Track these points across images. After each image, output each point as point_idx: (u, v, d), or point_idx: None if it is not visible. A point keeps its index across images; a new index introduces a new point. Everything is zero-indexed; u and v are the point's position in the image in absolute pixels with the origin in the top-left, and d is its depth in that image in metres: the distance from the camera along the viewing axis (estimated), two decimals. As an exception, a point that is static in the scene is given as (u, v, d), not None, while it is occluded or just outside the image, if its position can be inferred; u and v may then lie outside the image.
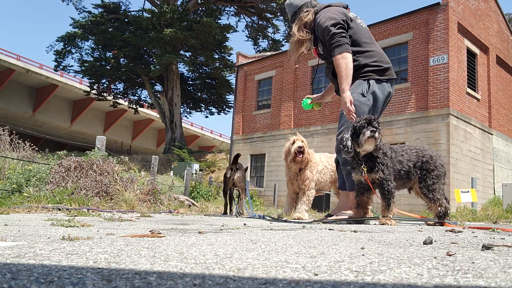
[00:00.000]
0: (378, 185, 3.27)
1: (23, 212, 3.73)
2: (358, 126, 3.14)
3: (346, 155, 3.22)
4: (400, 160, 3.39)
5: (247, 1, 27.19)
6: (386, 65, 3.41)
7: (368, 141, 3.12)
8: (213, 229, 2.21)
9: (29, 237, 1.52)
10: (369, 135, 3.09)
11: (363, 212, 3.51)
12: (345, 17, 3.48)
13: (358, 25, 3.48)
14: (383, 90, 3.41)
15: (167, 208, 5.88)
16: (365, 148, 3.15)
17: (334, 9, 3.57)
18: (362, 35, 3.45)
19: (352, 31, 3.45)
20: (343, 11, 3.56)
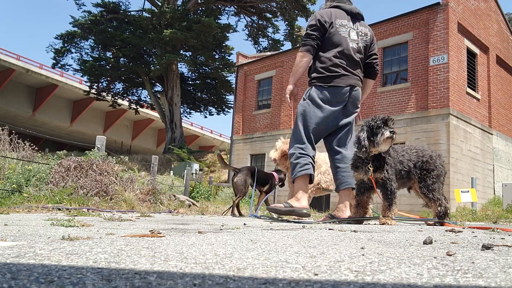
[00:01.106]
0: (380, 185, 3.27)
1: (23, 212, 3.73)
2: (374, 126, 3.13)
3: (363, 155, 3.21)
4: (400, 160, 3.39)
5: (247, 1, 27.20)
6: (336, 73, 3.48)
7: (386, 141, 3.12)
8: (213, 229, 2.21)
9: (29, 237, 1.51)
10: (388, 136, 3.08)
11: (363, 211, 3.51)
12: (328, 20, 3.55)
13: (336, 32, 3.54)
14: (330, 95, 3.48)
15: (167, 208, 5.88)
16: (381, 149, 3.16)
17: (326, 10, 3.66)
18: (334, 41, 3.52)
19: (328, 35, 3.54)
20: (332, 14, 3.61)
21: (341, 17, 3.62)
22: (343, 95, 3.49)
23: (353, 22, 3.66)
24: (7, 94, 32.04)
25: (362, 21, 3.74)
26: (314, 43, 3.52)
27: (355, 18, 3.69)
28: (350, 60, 3.53)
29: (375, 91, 14.80)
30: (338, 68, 3.50)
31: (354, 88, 3.52)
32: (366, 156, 3.23)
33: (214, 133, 47.84)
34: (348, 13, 3.66)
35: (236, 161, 19.23)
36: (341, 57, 3.51)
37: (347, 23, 3.61)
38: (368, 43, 3.68)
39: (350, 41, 3.55)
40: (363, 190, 3.43)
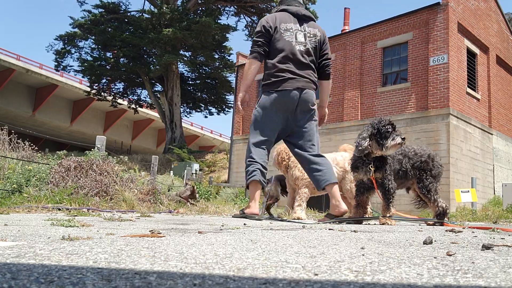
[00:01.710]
0: (379, 185, 3.28)
1: (23, 212, 3.73)
2: (383, 129, 3.13)
3: (359, 153, 3.22)
4: (399, 159, 3.40)
5: (247, 1, 27.19)
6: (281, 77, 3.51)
7: (395, 146, 3.14)
8: (213, 229, 2.21)
9: (29, 237, 1.51)
10: (399, 142, 3.10)
11: (363, 212, 3.51)
12: (272, 25, 3.59)
13: (281, 36, 3.57)
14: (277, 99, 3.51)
15: (167, 208, 5.88)
16: (389, 153, 3.18)
17: (271, 15, 3.72)
18: (278, 46, 3.55)
19: (273, 40, 3.59)
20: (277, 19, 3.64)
21: (287, 21, 3.64)
22: (292, 98, 3.50)
23: (300, 24, 3.66)
24: (7, 94, 32.03)
25: (312, 22, 3.72)
26: (260, 49, 3.58)
27: (303, 20, 3.69)
28: (297, 63, 3.54)
29: (375, 91, 14.80)
30: (284, 72, 3.51)
31: (304, 91, 3.52)
32: (367, 157, 3.24)
33: (214, 133, 47.85)
34: (294, 16, 3.67)
35: (236, 161, 19.23)
36: (286, 61, 3.53)
37: (292, 26, 3.62)
38: (317, 43, 3.67)
39: (296, 44, 3.57)
40: (362, 191, 3.44)
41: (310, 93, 3.56)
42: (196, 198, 7.54)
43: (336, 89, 16.08)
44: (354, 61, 15.55)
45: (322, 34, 3.73)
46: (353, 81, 15.43)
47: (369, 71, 15.12)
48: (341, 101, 15.77)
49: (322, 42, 3.71)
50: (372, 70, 15.05)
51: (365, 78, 15.18)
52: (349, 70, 15.64)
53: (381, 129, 3.13)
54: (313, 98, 3.62)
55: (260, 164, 3.54)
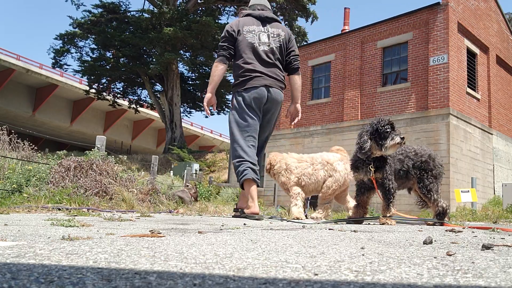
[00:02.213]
0: (380, 185, 3.28)
1: (23, 212, 3.73)
2: (383, 130, 3.13)
3: (362, 156, 3.22)
4: (400, 159, 3.40)
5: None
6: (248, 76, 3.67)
7: (395, 146, 3.14)
8: (213, 229, 2.22)
9: (29, 237, 1.52)
10: (398, 142, 3.11)
11: (363, 212, 3.52)
12: (235, 29, 3.80)
13: (244, 38, 3.75)
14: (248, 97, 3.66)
15: (167, 208, 5.88)
16: (388, 153, 3.18)
17: (235, 21, 3.95)
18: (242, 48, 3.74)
19: (237, 43, 3.78)
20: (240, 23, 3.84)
21: (249, 24, 3.82)
22: (260, 94, 3.64)
23: (263, 25, 3.83)
24: (7, 94, 32.03)
25: (275, 23, 3.89)
26: (225, 52, 3.78)
27: (266, 22, 3.85)
28: (262, 62, 3.69)
29: (375, 91, 14.80)
30: (250, 72, 3.68)
31: (271, 89, 3.67)
32: (367, 157, 3.24)
33: (214, 133, 47.83)
34: (258, 18, 3.85)
35: (236, 161, 19.24)
36: (250, 62, 3.69)
37: (255, 28, 3.79)
38: (282, 42, 3.81)
39: (260, 44, 3.73)
40: (363, 191, 3.44)
41: (277, 91, 3.72)
42: (197, 198, 7.55)
43: (336, 89, 16.08)
44: (354, 61, 15.55)
45: (287, 33, 3.88)
46: (353, 81, 15.43)
47: (369, 71, 15.12)
48: (341, 101, 15.77)
49: (287, 41, 3.84)
50: (372, 70, 15.05)
51: (365, 78, 15.18)
52: (349, 70, 15.65)
53: (380, 129, 3.13)
54: (280, 97, 3.75)
55: (250, 162, 3.58)
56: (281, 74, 3.79)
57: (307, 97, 17.06)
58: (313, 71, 17.19)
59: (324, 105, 16.39)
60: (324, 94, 16.70)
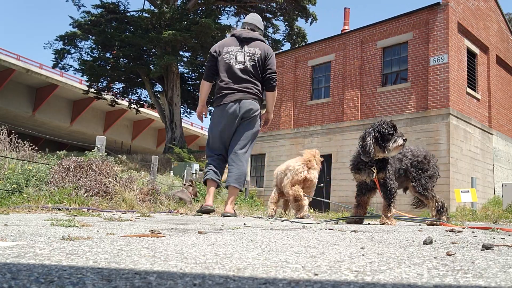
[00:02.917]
0: (381, 185, 3.29)
1: (23, 212, 3.73)
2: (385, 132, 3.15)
3: (366, 158, 3.24)
4: (399, 158, 3.42)
5: (247, 1, 27.17)
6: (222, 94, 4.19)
7: (397, 148, 3.16)
8: (213, 229, 2.22)
9: (29, 237, 1.52)
10: (400, 144, 3.13)
11: (363, 212, 3.52)
12: (217, 50, 4.30)
13: (222, 59, 4.24)
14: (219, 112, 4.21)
15: (167, 208, 5.88)
16: (391, 155, 3.20)
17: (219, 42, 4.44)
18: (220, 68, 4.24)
19: (217, 63, 4.28)
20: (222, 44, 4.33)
21: (229, 45, 4.28)
22: (230, 109, 4.12)
23: (241, 45, 4.24)
24: (7, 94, 32.02)
25: (254, 42, 4.24)
26: (209, 72, 4.36)
27: (244, 42, 4.25)
28: (235, 79, 4.14)
29: (375, 91, 14.81)
30: (224, 89, 4.18)
31: (241, 101, 4.10)
32: (370, 159, 3.25)
33: (214, 133, 47.76)
34: (238, 39, 4.28)
35: (236, 161, 19.24)
36: (225, 80, 4.17)
37: (233, 48, 4.24)
38: (257, 60, 4.17)
39: (236, 63, 4.17)
40: (364, 191, 3.45)
41: (248, 101, 4.12)
42: (196, 195, 7.58)
43: (336, 89, 16.09)
44: (354, 61, 15.55)
45: (263, 51, 4.20)
46: (353, 81, 15.43)
47: (369, 71, 15.12)
48: (341, 101, 15.77)
49: (263, 58, 4.19)
50: (372, 70, 15.05)
51: (365, 78, 15.19)
52: (349, 70, 15.65)
53: (383, 132, 3.14)
54: (251, 105, 4.13)
55: (213, 166, 4.26)
56: (254, 87, 4.17)
57: (307, 97, 17.06)
58: (313, 71, 17.19)
59: (324, 105, 16.39)
60: (324, 94, 16.70)
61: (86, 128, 38.00)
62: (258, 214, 6.04)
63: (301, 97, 17.25)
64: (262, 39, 4.30)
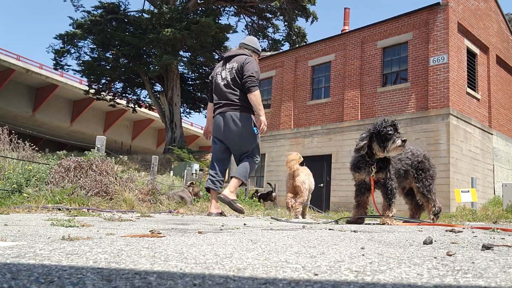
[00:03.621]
0: (381, 185, 3.29)
1: (23, 212, 3.73)
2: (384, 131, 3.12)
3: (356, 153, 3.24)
4: (400, 159, 3.42)
5: (247, 1, 27.17)
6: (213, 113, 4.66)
7: (397, 149, 3.14)
8: (213, 229, 2.22)
9: (29, 237, 1.52)
10: (400, 145, 3.11)
11: (363, 212, 3.52)
12: (213, 74, 4.77)
13: (214, 81, 4.70)
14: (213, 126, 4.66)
15: (167, 208, 5.88)
16: (391, 155, 3.18)
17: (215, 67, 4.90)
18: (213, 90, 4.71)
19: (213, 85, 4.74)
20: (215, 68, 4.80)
21: (218, 67, 4.75)
22: (217, 121, 4.56)
23: (224, 64, 4.65)
24: (7, 94, 32.02)
25: (235, 57, 4.60)
26: (210, 94, 4.80)
27: (227, 60, 4.65)
28: (221, 96, 4.55)
29: (375, 91, 14.81)
30: (214, 106, 4.65)
31: (226, 114, 4.48)
32: (371, 158, 3.25)
33: (214, 133, 47.78)
34: (224, 59, 4.70)
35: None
36: (215, 97, 4.64)
37: (219, 68, 4.69)
38: (235, 72, 4.50)
39: (220, 81, 4.58)
40: (363, 191, 3.44)
41: (232, 113, 4.47)
42: (198, 194, 7.58)
43: (336, 89, 16.09)
44: (354, 61, 15.55)
45: (240, 63, 4.51)
46: (353, 81, 15.43)
47: (369, 71, 15.12)
48: (341, 101, 15.77)
49: (240, 68, 4.49)
50: (372, 70, 15.05)
51: (365, 78, 15.19)
52: (349, 70, 15.65)
53: (382, 131, 3.12)
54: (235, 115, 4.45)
55: (211, 175, 4.62)
56: (237, 98, 4.47)
57: (307, 97, 17.06)
58: (313, 71, 17.19)
59: (324, 105, 16.39)
60: (324, 94, 16.70)
61: (86, 128, 37.99)
62: (258, 214, 6.04)
63: (301, 97, 17.25)
64: (242, 53, 4.61)
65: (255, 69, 4.46)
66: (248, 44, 4.80)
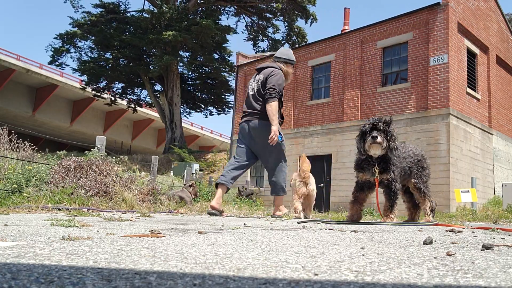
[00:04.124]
0: (385, 185, 3.30)
1: (23, 212, 3.73)
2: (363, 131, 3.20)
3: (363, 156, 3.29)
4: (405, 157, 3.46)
5: (247, 1, 27.17)
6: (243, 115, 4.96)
7: (372, 146, 3.18)
8: (213, 229, 2.22)
9: (29, 237, 1.52)
10: (370, 142, 3.17)
11: (360, 208, 3.53)
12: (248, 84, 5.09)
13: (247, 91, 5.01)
14: (240, 129, 4.94)
15: (167, 208, 5.88)
16: (372, 153, 3.22)
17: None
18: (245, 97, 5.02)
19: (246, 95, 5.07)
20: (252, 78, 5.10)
21: (251, 78, 5.07)
22: (243, 130, 4.87)
23: (256, 76, 4.95)
24: (7, 94, 32.01)
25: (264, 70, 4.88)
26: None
27: (257, 72, 4.97)
28: (248, 105, 4.87)
29: (375, 91, 14.81)
30: (242, 116, 4.98)
31: (250, 122, 4.77)
32: (371, 158, 3.28)
33: (214, 133, 47.83)
34: (256, 71, 5.02)
35: (236, 161, 19.21)
36: (244, 107, 4.97)
37: (251, 80, 5.00)
38: (261, 84, 4.79)
39: (250, 91, 4.91)
40: (364, 189, 3.45)
41: (255, 122, 4.75)
42: (196, 194, 7.58)
43: (336, 89, 16.08)
44: (354, 61, 15.55)
45: (264, 75, 4.80)
46: (353, 81, 15.43)
47: (369, 71, 15.12)
48: (341, 101, 15.77)
49: (264, 80, 4.77)
50: (372, 70, 15.05)
51: (365, 78, 15.18)
52: (349, 70, 15.65)
53: (362, 132, 3.22)
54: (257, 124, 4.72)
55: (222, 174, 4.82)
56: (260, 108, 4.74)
57: (307, 97, 17.06)
58: (313, 71, 17.19)
59: (324, 105, 16.39)
60: (324, 94, 16.70)
61: (86, 128, 37.98)
62: (258, 214, 6.04)
63: (301, 97, 17.25)
64: (271, 66, 4.90)
65: (278, 81, 4.70)
66: (279, 57, 5.03)
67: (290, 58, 5.01)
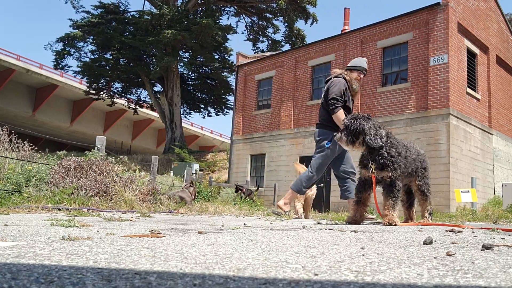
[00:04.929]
0: (387, 184, 3.28)
1: (23, 212, 3.73)
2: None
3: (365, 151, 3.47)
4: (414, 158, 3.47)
5: (247, 1, 27.17)
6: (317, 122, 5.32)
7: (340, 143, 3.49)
8: (213, 229, 2.22)
9: (29, 237, 1.52)
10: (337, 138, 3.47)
11: (363, 209, 3.51)
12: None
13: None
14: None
15: (167, 208, 5.88)
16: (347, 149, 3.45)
17: None
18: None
19: None
20: None
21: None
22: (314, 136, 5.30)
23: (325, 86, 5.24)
24: (7, 94, 32.01)
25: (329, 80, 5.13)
26: None
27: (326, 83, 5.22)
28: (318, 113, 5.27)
29: (375, 91, 14.81)
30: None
31: (315, 129, 5.22)
32: (369, 155, 3.31)
33: (214, 133, 47.84)
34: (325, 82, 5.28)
35: (236, 161, 19.23)
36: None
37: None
38: (324, 95, 5.09)
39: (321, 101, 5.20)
40: (366, 188, 3.44)
41: (316, 130, 5.20)
42: (195, 195, 7.59)
43: (336, 89, 16.07)
44: (354, 61, 15.54)
45: (327, 87, 5.10)
46: (353, 81, 15.42)
47: (369, 71, 15.11)
48: (341, 101, 15.77)
49: (326, 92, 5.07)
50: (372, 70, 15.05)
51: (365, 78, 15.18)
52: (349, 70, 15.64)
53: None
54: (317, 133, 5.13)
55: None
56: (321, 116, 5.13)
57: (307, 97, 17.06)
58: (313, 71, 17.19)
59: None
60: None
61: (86, 128, 37.98)
62: (258, 214, 6.05)
63: (301, 97, 17.25)
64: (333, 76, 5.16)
65: (337, 90, 4.97)
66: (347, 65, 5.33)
67: (354, 64, 5.26)
